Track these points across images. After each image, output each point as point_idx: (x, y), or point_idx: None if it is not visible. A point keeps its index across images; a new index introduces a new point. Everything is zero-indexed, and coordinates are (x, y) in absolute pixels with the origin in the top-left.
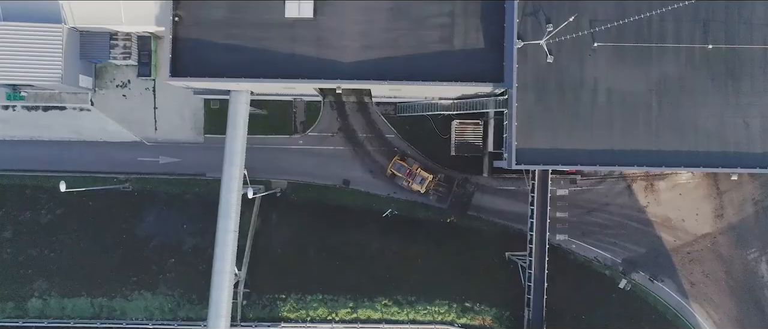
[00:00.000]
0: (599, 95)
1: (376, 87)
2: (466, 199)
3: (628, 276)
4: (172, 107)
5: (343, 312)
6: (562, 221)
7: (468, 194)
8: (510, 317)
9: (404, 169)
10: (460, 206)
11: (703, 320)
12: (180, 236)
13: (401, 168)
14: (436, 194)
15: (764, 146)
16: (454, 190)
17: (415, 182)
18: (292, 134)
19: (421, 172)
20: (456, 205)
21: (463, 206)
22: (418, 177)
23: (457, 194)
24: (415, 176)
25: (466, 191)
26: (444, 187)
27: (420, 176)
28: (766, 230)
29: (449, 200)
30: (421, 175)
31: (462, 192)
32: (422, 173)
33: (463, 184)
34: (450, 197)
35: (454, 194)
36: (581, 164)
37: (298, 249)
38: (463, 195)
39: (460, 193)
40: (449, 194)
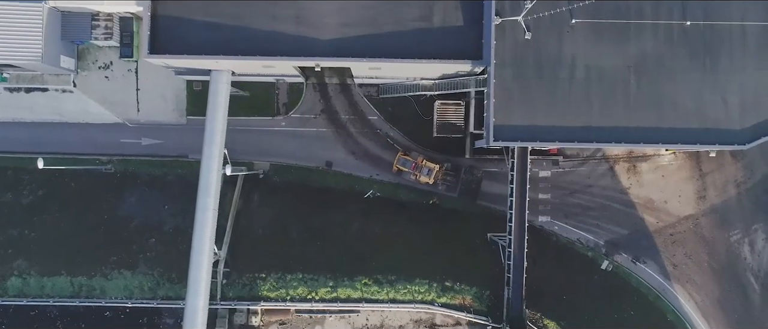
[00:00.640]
0: (577, 72)
1: (355, 65)
2: (474, 186)
3: (611, 258)
4: (155, 89)
5: (322, 291)
6: (544, 203)
7: (476, 180)
8: (490, 296)
9: (410, 163)
10: (470, 193)
11: (685, 301)
12: (161, 217)
13: (406, 163)
14: (444, 184)
15: (742, 122)
16: (461, 178)
17: (423, 174)
18: (274, 115)
19: (426, 163)
20: (465, 192)
21: (472, 193)
22: (425, 169)
23: (466, 182)
24: (421, 169)
25: (474, 177)
26: (451, 176)
27: (426, 167)
28: (748, 211)
29: (458, 188)
30: (427, 166)
31: (470, 179)
32: (428, 164)
33: (471, 171)
34: (459, 185)
35: (462, 182)
36: (559, 140)
37: (279, 230)
38: (472, 182)
39: (468, 180)
40: (458, 182)
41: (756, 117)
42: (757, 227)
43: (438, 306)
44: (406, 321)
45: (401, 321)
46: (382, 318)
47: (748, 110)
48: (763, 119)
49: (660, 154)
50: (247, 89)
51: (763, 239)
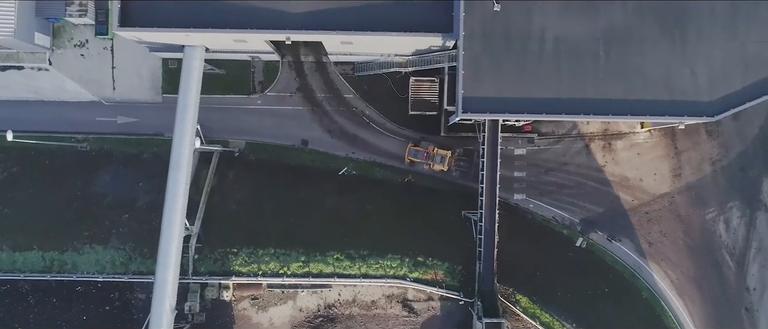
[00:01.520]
0: (546, 44)
1: (326, 39)
2: None
3: (586, 236)
4: (131, 67)
5: (294, 266)
6: (519, 181)
7: None
8: (462, 271)
9: (421, 153)
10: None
11: (660, 279)
12: (135, 194)
13: (418, 154)
14: (458, 170)
15: (711, 94)
16: (474, 162)
17: (436, 163)
18: (250, 94)
19: (438, 151)
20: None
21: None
22: (438, 157)
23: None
24: (434, 157)
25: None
26: (464, 161)
27: (439, 155)
28: (723, 189)
29: (471, 172)
30: (439, 154)
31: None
32: (440, 151)
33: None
34: (472, 170)
35: (475, 166)
36: (528, 112)
37: (253, 206)
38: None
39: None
40: (471, 167)
41: (724, 89)
42: (732, 205)
43: (410, 281)
44: (379, 296)
45: (373, 296)
46: (355, 293)
47: (717, 82)
48: (732, 91)
49: (635, 132)
50: (222, 67)
51: (738, 217)
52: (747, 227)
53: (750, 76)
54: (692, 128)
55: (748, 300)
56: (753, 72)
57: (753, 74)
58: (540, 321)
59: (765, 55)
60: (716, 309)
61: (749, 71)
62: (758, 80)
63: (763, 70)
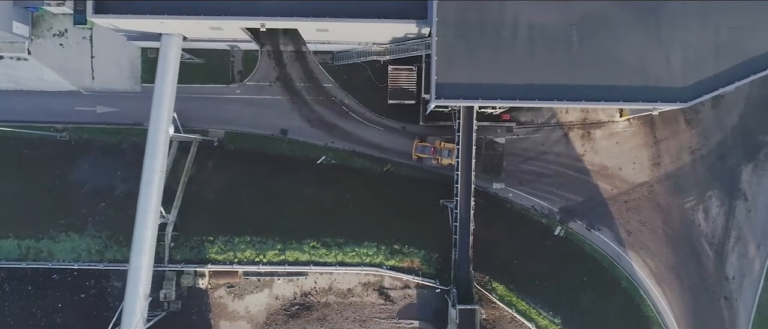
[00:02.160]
0: (520, 31)
1: (301, 26)
2: (497, 160)
3: (565, 225)
4: (110, 57)
5: (271, 254)
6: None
7: (498, 155)
8: (439, 259)
9: (428, 148)
10: (493, 168)
11: (639, 268)
12: (113, 183)
13: (425, 149)
14: None
15: (685, 80)
16: (482, 154)
17: (444, 157)
18: (229, 83)
19: (445, 145)
20: (489, 168)
21: (495, 169)
22: (445, 151)
23: (488, 157)
24: (441, 152)
25: (495, 152)
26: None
27: (446, 149)
28: (702, 178)
29: (481, 164)
30: (446, 148)
31: (492, 154)
32: (447, 145)
33: (491, 146)
34: (481, 162)
35: (484, 158)
36: (501, 98)
37: (230, 195)
38: (494, 157)
39: (490, 155)
40: (480, 158)
41: (698, 75)
42: (711, 193)
43: (386, 269)
44: (355, 284)
45: (349, 284)
46: (331, 280)
47: (691, 68)
48: (705, 76)
49: (614, 120)
50: (201, 56)
51: (717, 206)
52: (726, 216)
53: (723, 62)
54: (671, 116)
55: (727, 289)
56: (726, 58)
57: (726, 60)
58: (516, 309)
59: (738, 41)
60: (695, 298)
61: (722, 57)
62: (731, 66)
63: (736, 56)
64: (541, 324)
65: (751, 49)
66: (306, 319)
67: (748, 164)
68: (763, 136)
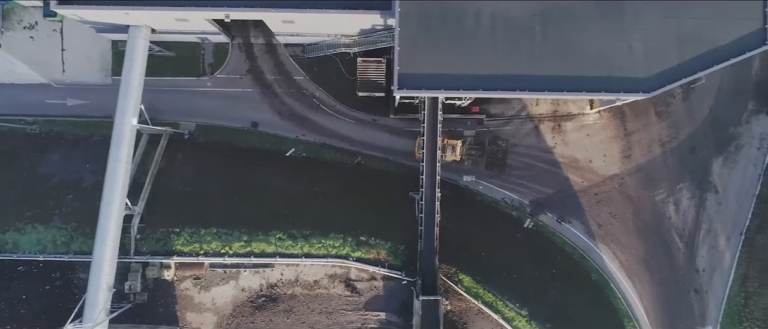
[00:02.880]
0: (483, 21)
1: (266, 16)
2: (501, 155)
3: (535, 217)
4: (80, 49)
5: (236, 245)
6: (469, 163)
7: (502, 151)
8: (405, 251)
9: None
10: (497, 164)
11: (609, 261)
12: (82, 175)
13: None
14: (470, 159)
15: (647, 70)
16: (486, 149)
17: (448, 154)
18: (200, 76)
19: (449, 142)
20: (493, 164)
21: (499, 164)
22: (449, 148)
23: (491, 153)
24: (445, 149)
25: (499, 148)
26: (476, 149)
27: (449, 145)
28: (673, 171)
29: (485, 160)
30: (450, 145)
31: (496, 150)
32: (450, 142)
33: (495, 141)
34: (485, 157)
35: (488, 154)
36: (464, 89)
37: (199, 187)
38: (498, 152)
39: (494, 151)
40: (483, 154)
41: (661, 65)
42: (682, 186)
43: (352, 261)
44: (321, 276)
45: (316, 275)
46: (297, 272)
47: (653, 58)
48: (668, 67)
49: (584, 113)
50: (172, 49)
51: (687, 199)
52: (697, 208)
53: (686, 52)
54: (642, 109)
55: (698, 281)
56: (689, 48)
57: (689, 50)
58: (483, 301)
59: (701, 31)
60: (665, 291)
61: (686, 47)
62: (694, 56)
63: (699, 47)
64: (507, 315)
65: (714, 39)
66: (272, 311)
67: (719, 156)
68: (733, 128)
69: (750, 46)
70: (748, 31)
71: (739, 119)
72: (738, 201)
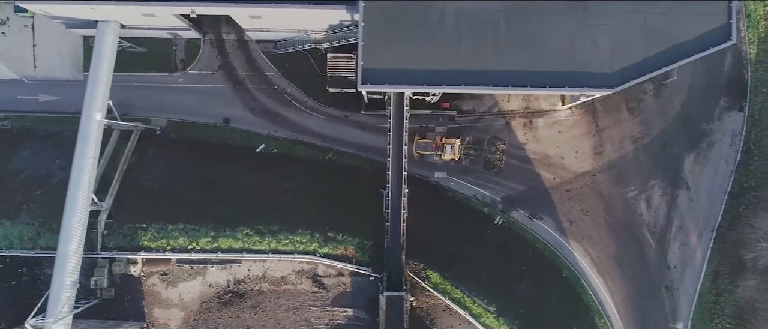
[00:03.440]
0: (447, 16)
1: (232, 11)
2: (499, 155)
3: (507, 214)
4: (52, 45)
5: (203, 241)
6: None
7: (500, 151)
8: (373, 247)
9: (430, 145)
10: (496, 164)
11: (581, 257)
12: (51, 170)
13: (427, 146)
14: (467, 158)
15: (612, 66)
16: (485, 149)
17: (446, 153)
18: (172, 72)
19: (446, 141)
20: (491, 164)
21: (498, 163)
22: (447, 146)
23: (490, 153)
24: (443, 147)
25: (497, 148)
26: (475, 149)
27: (447, 145)
28: (645, 167)
29: (483, 160)
30: (448, 144)
31: (494, 150)
32: (449, 141)
33: (493, 142)
34: (483, 157)
35: (486, 154)
36: (428, 84)
37: (168, 183)
38: (496, 152)
39: (492, 151)
40: (481, 153)
41: (625, 60)
42: (653, 183)
43: (320, 257)
44: (288, 272)
45: (283, 271)
46: (264, 268)
47: (618, 54)
48: (632, 62)
49: (556, 109)
50: (144, 45)
51: (659, 195)
52: (668, 205)
53: (651, 48)
54: (613, 105)
55: (669, 278)
56: (654, 43)
57: (654, 46)
58: (450, 297)
59: (666, 27)
60: (637, 287)
61: (650, 43)
62: (659, 52)
63: (664, 42)
64: (475, 312)
65: (679, 34)
66: (240, 307)
67: (691, 153)
68: (705, 125)
69: (715, 41)
70: (713, 26)
71: (711, 116)
72: (709, 198)
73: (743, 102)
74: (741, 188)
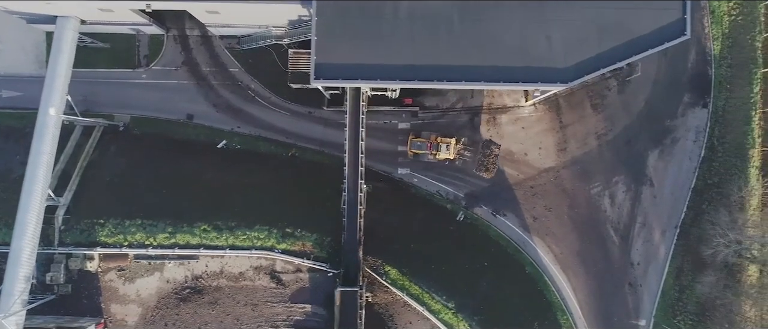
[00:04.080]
0: (401, 11)
1: (189, 6)
2: (492, 159)
3: (470, 210)
4: (14, 41)
5: (161, 237)
6: (403, 155)
7: (494, 155)
8: (331, 242)
9: (424, 144)
10: (488, 167)
11: (544, 254)
12: (11, 166)
13: (422, 145)
14: (461, 159)
15: (566, 61)
16: (478, 152)
17: (442, 152)
18: (135, 67)
19: (442, 140)
20: (482, 167)
21: (491, 167)
22: (443, 145)
23: (483, 155)
24: (438, 146)
25: (491, 152)
26: (469, 150)
27: (442, 143)
28: (609, 163)
29: (476, 162)
30: (444, 142)
31: (488, 153)
32: (444, 140)
33: (488, 145)
34: (476, 160)
35: (479, 156)
36: (381, 79)
37: (129, 179)
38: (489, 155)
39: (486, 154)
40: (476, 154)
41: (580, 55)
42: (617, 179)
43: (278, 253)
44: (246, 268)
45: (241, 267)
46: (222, 264)
47: (573, 48)
48: (587, 57)
49: (520, 105)
50: (107, 40)
51: (623, 192)
52: (632, 201)
53: (605, 43)
54: (577, 101)
55: (632, 275)
56: (609, 38)
57: (609, 40)
58: (408, 293)
59: (621, 21)
60: (600, 284)
61: (605, 37)
62: (614, 46)
63: (618, 37)
64: (433, 308)
65: (634, 29)
66: (197, 303)
67: (655, 149)
68: (669, 121)
69: (670, 36)
70: (668, 21)
71: (675, 112)
72: (673, 194)
73: (707, 98)
74: (704, 184)
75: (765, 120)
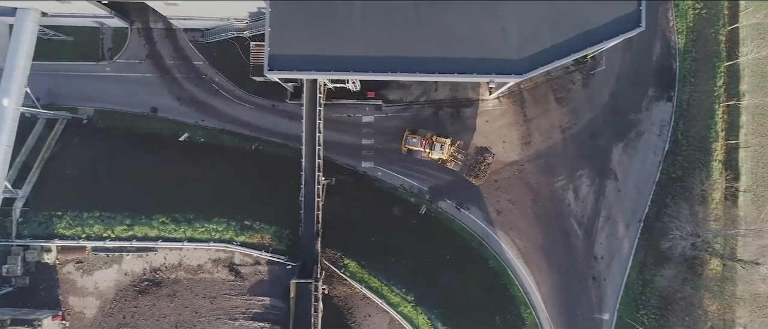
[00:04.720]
0: (355, 2)
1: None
2: (484, 167)
3: (433, 204)
4: None
5: (119, 229)
6: (367, 149)
7: (486, 163)
8: (289, 235)
9: (420, 141)
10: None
11: (508, 248)
12: None
13: (416, 142)
14: (454, 161)
15: (520, 53)
16: (471, 157)
17: (435, 151)
18: (99, 60)
19: (437, 139)
20: (472, 172)
21: (481, 174)
22: (437, 145)
23: (475, 161)
24: (433, 145)
25: (483, 159)
26: (463, 154)
27: (437, 142)
28: (573, 157)
29: (466, 167)
30: (438, 142)
31: (480, 160)
32: (439, 139)
33: (482, 152)
34: (470, 164)
35: (471, 161)
36: (336, 70)
37: (90, 172)
38: (482, 163)
39: (478, 161)
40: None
41: (534, 47)
42: (581, 173)
43: (236, 245)
44: (205, 260)
45: (200, 260)
46: (181, 257)
47: (527, 40)
48: (541, 49)
49: (483, 99)
50: (70, 33)
51: (587, 186)
52: (596, 195)
53: (560, 34)
54: (541, 95)
55: (596, 269)
56: (563, 30)
57: (563, 32)
58: (367, 286)
59: (576, 13)
60: (563, 278)
61: (560, 29)
62: (568, 38)
63: (573, 29)
64: (392, 301)
65: (589, 20)
66: (156, 295)
67: (619, 143)
68: (634, 115)
69: (625, 27)
70: (623, 12)
71: (639, 106)
72: (637, 188)
73: (671, 92)
74: (668, 178)
75: (728, 114)
